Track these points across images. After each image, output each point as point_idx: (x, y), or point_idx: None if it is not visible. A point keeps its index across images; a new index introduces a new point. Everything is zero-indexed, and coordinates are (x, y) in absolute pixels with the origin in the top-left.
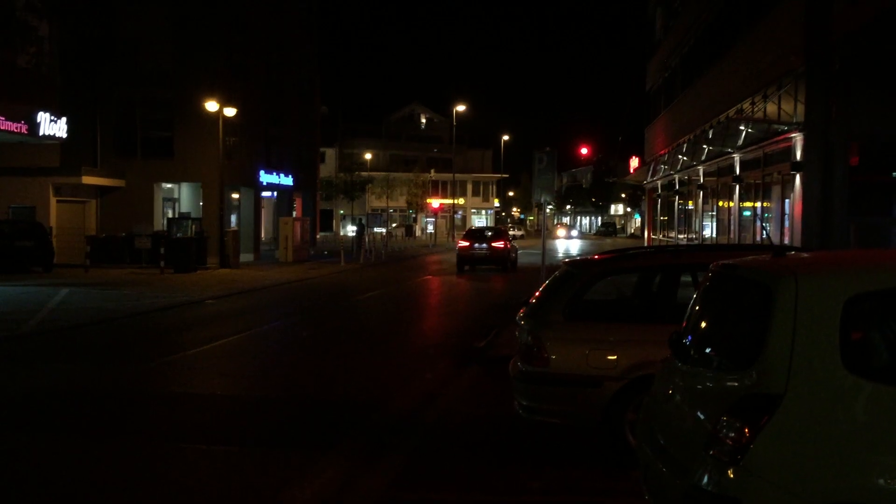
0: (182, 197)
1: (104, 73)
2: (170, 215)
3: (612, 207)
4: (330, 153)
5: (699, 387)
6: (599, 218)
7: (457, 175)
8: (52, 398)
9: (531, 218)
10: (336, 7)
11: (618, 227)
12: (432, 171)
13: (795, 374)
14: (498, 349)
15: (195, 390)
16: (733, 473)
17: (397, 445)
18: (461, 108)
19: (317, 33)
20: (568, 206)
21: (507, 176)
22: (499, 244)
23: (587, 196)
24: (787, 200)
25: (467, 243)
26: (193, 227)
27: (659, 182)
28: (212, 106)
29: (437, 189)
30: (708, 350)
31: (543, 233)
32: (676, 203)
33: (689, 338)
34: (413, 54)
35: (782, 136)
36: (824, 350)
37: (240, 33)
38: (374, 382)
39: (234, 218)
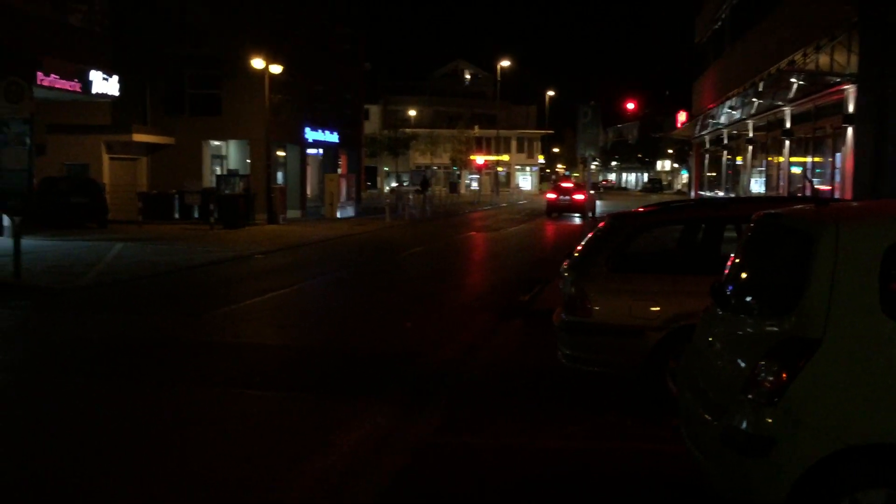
0: (230, 154)
1: (154, 31)
2: (218, 172)
3: (659, 163)
4: (374, 110)
5: (739, 333)
6: (646, 174)
7: (501, 131)
8: (109, 347)
9: (576, 174)
10: None
11: (664, 183)
12: (476, 127)
13: (834, 320)
14: (542, 303)
15: (247, 340)
16: (769, 415)
17: (440, 394)
18: (506, 63)
19: None
20: (613, 163)
21: (551, 132)
22: (579, 196)
23: (633, 152)
24: (838, 155)
25: (554, 195)
26: (241, 183)
27: (707, 137)
28: (258, 64)
29: (482, 145)
30: (749, 298)
31: (589, 187)
32: (724, 158)
33: (731, 286)
34: (457, 10)
35: (835, 88)
36: (863, 296)
37: None
38: (418, 334)
39: (280, 175)
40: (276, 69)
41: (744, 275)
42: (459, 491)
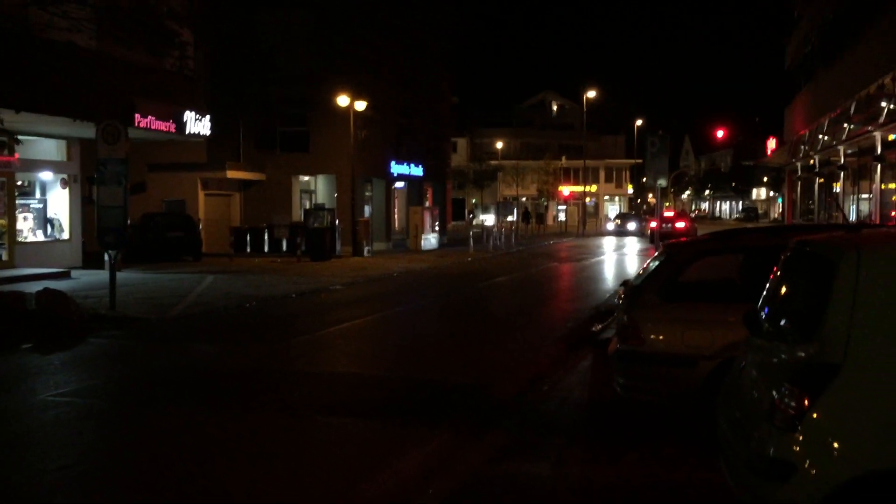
0: (318, 189)
1: (245, 73)
2: (307, 206)
3: (755, 192)
4: (461, 143)
5: (774, 360)
6: (740, 203)
7: (588, 162)
8: (191, 374)
9: (667, 203)
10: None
11: (760, 211)
12: (563, 158)
13: (854, 345)
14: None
15: (319, 368)
16: (790, 440)
17: (500, 423)
18: (592, 94)
19: (449, 26)
20: (707, 192)
21: (640, 161)
22: (681, 224)
23: (727, 180)
24: None
25: (657, 223)
26: (328, 217)
27: (798, 164)
28: (343, 101)
29: (569, 176)
30: (782, 323)
31: (659, 217)
32: (816, 185)
33: (765, 312)
34: (545, 42)
35: None
36: (885, 322)
37: (371, 30)
38: (487, 364)
39: (367, 208)
40: (360, 106)
41: (777, 301)
42: None
